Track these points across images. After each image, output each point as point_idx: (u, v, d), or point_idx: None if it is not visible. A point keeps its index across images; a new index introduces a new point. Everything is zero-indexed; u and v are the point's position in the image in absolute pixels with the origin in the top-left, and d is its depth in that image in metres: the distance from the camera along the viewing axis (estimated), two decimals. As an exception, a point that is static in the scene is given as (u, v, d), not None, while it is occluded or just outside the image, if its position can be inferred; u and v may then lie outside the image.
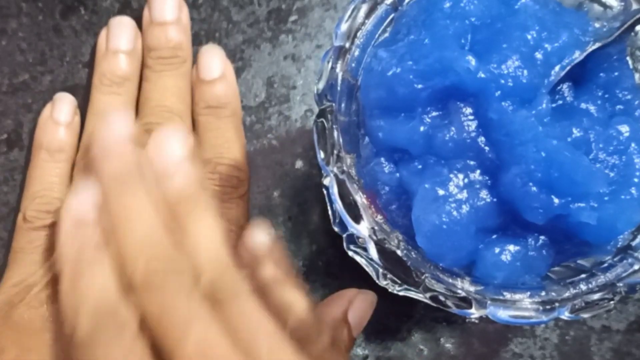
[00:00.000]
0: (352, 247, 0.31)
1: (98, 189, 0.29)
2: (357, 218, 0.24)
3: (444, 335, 0.35)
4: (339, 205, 0.23)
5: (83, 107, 0.35)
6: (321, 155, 0.24)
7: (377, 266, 0.29)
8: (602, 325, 0.34)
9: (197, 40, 0.36)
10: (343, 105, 0.25)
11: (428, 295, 0.23)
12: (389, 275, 0.30)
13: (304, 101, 0.36)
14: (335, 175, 0.24)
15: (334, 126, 0.24)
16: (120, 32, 0.35)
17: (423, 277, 0.23)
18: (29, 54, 0.36)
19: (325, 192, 0.31)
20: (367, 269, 0.31)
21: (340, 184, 0.23)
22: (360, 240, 0.29)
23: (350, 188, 0.23)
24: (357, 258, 0.31)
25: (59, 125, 0.34)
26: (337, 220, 0.31)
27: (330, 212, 0.31)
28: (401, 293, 0.31)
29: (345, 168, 0.24)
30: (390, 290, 0.31)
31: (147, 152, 0.29)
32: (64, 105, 0.35)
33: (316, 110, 0.36)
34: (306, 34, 0.36)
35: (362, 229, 0.23)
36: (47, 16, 0.36)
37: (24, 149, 0.35)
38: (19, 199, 0.34)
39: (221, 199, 0.32)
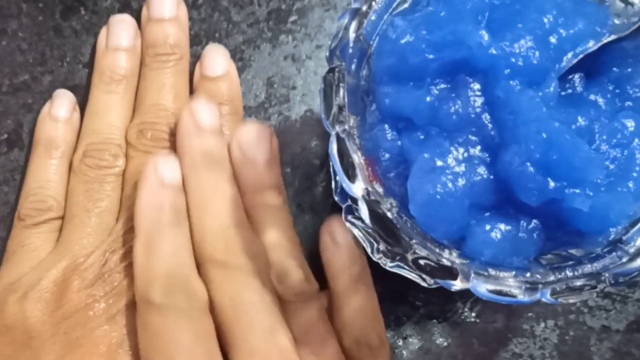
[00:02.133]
0: (349, 217, 0.31)
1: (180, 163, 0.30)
2: (352, 178, 0.24)
3: (444, 335, 0.35)
4: (336, 163, 0.24)
5: (83, 107, 0.35)
6: (325, 112, 0.24)
7: (369, 232, 0.29)
8: (602, 326, 0.34)
9: (197, 40, 0.36)
10: (353, 67, 0.25)
11: (413, 258, 0.23)
12: (381, 247, 0.30)
13: (303, 101, 0.36)
14: (337, 134, 0.24)
15: (341, 85, 0.24)
16: (120, 30, 0.35)
17: (411, 242, 0.23)
18: (29, 54, 0.36)
19: (332, 163, 0.31)
20: (362, 242, 0.32)
21: (340, 143, 0.24)
22: (355, 208, 0.29)
23: (350, 147, 0.23)
24: (355, 230, 0.31)
25: (57, 121, 0.34)
26: (338, 190, 0.31)
27: (333, 184, 0.31)
28: (393, 269, 0.31)
29: (347, 127, 0.24)
30: (382, 265, 0.31)
31: (235, 136, 0.31)
32: (62, 102, 0.35)
33: (317, 110, 0.36)
34: (306, 34, 0.36)
35: (357, 188, 0.24)
36: (48, 16, 0.36)
37: (24, 149, 0.35)
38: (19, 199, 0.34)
39: None
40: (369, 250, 0.31)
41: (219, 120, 0.31)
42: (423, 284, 0.31)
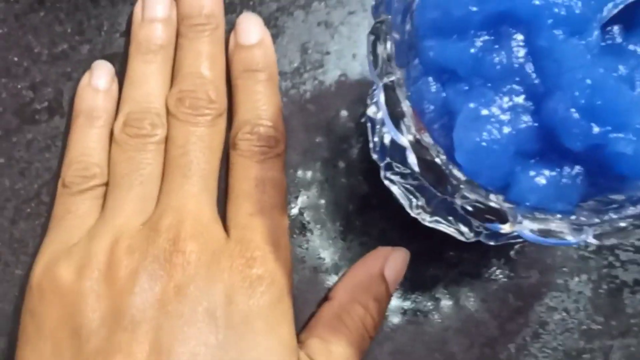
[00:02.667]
0: (388, 174, 0.32)
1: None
2: (400, 128, 0.24)
3: (480, 290, 0.36)
4: (385, 113, 0.24)
5: (121, 75, 0.36)
6: (373, 63, 0.25)
7: (408, 188, 0.30)
8: (635, 279, 0.35)
9: (232, 9, 0.37)
10: (398, 20, 0.25)
11: (462, 202, 0.24)
12: (420, 203, 0.31)
13: (337, 66, 0.37)
14: (385, 85, 0.25)
15: (388, 36, 0.24)
16: (155, 1, 0.36)
17: (460, 186, 0.24)
18: (67, 24, 0.37)
19: (368, 123, 0.32)
20: (400, 200, 0.32)
21: (389, 93, 0.24)
22: (396, 165, 0.30)
23: (400, 96, 0.24)
24: (393, 188, 0.32)
25: (97, 91, 0.35)
26: (377, 148, 0.32)
27: (370, 144, 0.32)
28: (431, 225, 0.32)
29: (394, 78, 0.25)
30: (421, 220, 0.32)
31: None
32: (101, 73, 0.36)
33: (350, 75, 0.37)
34: (338, 1, 0.37)
35: (405, 138, 0.24)
36: (84, -13, 0.37)
37: (64, 116, 0.37)
38: (61, 165, 0.35)
39: (259, 159, 0.34)
40: (406, 205, 0.32)
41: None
42: (461, 238, 0.32)
